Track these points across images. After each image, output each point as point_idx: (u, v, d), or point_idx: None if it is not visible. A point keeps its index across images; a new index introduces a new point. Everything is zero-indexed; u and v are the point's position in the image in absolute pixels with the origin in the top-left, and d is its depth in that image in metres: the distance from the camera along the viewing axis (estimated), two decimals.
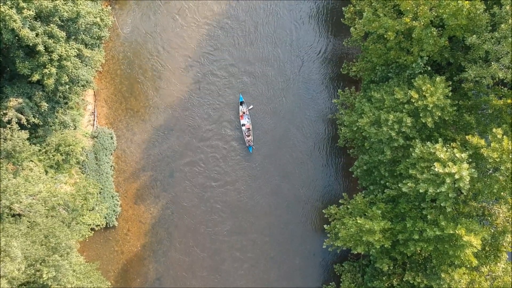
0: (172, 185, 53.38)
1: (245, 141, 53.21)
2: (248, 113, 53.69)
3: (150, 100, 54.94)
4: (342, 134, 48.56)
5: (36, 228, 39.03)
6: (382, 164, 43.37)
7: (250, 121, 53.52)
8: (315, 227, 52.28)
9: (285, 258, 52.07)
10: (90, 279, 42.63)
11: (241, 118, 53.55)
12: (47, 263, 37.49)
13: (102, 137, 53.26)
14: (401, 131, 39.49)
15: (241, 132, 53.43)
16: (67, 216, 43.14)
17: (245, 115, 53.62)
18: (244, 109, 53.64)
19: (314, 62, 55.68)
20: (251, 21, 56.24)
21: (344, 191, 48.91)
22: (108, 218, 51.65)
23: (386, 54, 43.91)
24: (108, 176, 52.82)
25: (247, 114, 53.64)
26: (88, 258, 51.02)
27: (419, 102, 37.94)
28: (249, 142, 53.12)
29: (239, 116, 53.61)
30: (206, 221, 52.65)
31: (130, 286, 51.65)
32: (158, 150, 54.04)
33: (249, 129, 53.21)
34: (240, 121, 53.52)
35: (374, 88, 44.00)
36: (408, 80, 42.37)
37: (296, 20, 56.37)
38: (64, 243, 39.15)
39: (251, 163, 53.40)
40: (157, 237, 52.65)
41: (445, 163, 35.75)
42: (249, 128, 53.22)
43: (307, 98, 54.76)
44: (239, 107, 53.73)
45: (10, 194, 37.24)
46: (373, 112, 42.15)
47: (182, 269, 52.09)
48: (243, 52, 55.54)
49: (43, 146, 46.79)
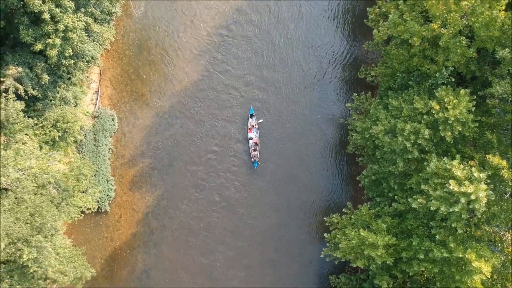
0: (170, 176, 51.24)
1: (251, 155, 50.67)
2: (257, 127, 51.20)
3: (156, 85, 52.87)
4: (352, 141, 46.30)
5: (22, 205, 36.97)
6: (392, 176, 41.07)
7: (258, 136, 51.02)
8: (315, 234, 49.95)
9: (282, 262, 49.72)
10: (74, 264, 40.48)
11: (249, 131, 51.10)
12: (30, 243, 35.41)
13: (103, 118, 51.22)
14: (417, 143, 37.16)
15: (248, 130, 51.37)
16: (56, 195, 41.06)
17: (254, 128, 51.10)
18: (254, 122, 51.18)
19: (331, 63, 53.49)
20: (269, 18, 54.10)
21: (349, 200, 46.71)
22: (101, 203, 49.59)
23: (408, 61, 41.60)
24: (105, 159, 50.76)
25: (256, 128, 51.15)
26: (75, 241, 48.96)
27: (440, 114, 35.62)
28: (255, 157, 50.52)
29: (248, 129, 51.13)
30: (202, 217, 50.46)
31: (116, 275, 49.55)
32: (160, 138, 51.93)
33: (256, 143, 50.71)
34: (248, 134, 51.09)
35: (392, 95, 41.69)
36: (429, 90, 40.05)
37: (317, 19, 54.14)
38: (49, 224, 37.08)
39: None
40: (149, 227, 50.53)
41: (461, 181, 33.44)
42: (256, 143, 50.71)
43: (319, 99, 52.52)
44: (248, 120, 51.28)
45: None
46: (388, 120, 39.84)
47: (172, 263, 49.91)
48: (256, 45, 53.43)
49: (40, 121, 44.77)
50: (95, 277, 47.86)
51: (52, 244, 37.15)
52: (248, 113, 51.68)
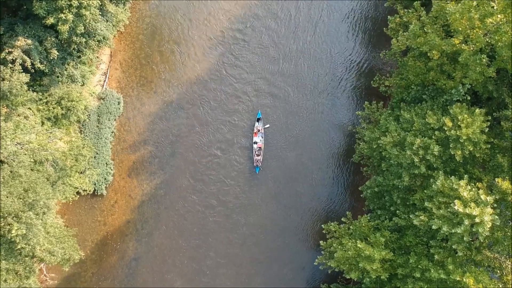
0: (170, 166, 50.41)
1: (254, 160, 49.57)
2: (263, 132, 50.09)
3: (166, 74, 52.04)
4: (359, 150, 45.29)
5: (16, 180, 36.24)
6: (396, 189, 40.04)
7: (264, 141, 49.90)
8: (310, 240, 48.97)
9: (273, 265, 48.79)
10: (63, 244, 39.72)
11: (254, 135, 49.99)
12: (20, 219, 34.70)
13: (109, 100, 50.45)
14: (425, 158, 36.12)
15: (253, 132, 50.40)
16: (53, 173, 40.33)
17: (260, 133, 49.99)
18: (260, 126, 50.07)
19: (345, 69, 52.48)
20: (288, 22, 53.22)
21: (349, 210, 45.68)
22: (98, 186, 48.84)
23: (424, 74, 40.55)
24: (107, 142, 49.99)
25: (262, 132, 50.04)
26: (68, 222, 48.26)
27: (452, 131, 34.57)
28: (257, 162, 49.40)
29: (253, 132, 50.06)
30: (198, 211, 49.62)
31: (105, 260, 48.77)
32: (164, 126, 51.12)
33: (261, 148, 49.58)
34: (253, 138, 49.99)
35: (404, 108, 40.66)
36: (443, 106, 38.98)
37: (337, 25, 53.12)
38: (42, 201, 36.33)
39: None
40: (144, 215, 49.73)
41: (467, 203, 32.40)
42: (260, 148, 49.57)
43: (330, 105, 51.53)
44: (255, 124, 50.21)
45: None
46: (398, 132, 38.84)
47: (162, 254, 49.09)
48: (270, 49, 52.58)
49: (45, 96, 44.08)
50: (84, 260, 47.27)
51: (42, 222, 36.43)
52: (255, 116, 50.69)
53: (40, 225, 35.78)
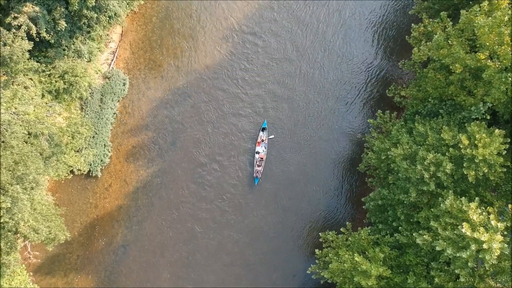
0: (170, 154, 48.79)
1: (254, 170, 47.55)
2: (267, 142, 48.19)
3: (177, 60, 50.48)
4: (366, 159, 43.50)
5: (8, 151, 34.64)
6: (401, 205, 38.22)
7: (266, 152, 47.98)
8: (305, 247, 47.06)
9: (263, 269, 46.87)
10: (49, 223, 38.06)
11: (257, 145, 48.06)
12: (6, 191, 33.11)
13: (115, 80, 48.89)
14: (436, 175, 34.27)
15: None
16: (47, 148, 38.78)
17: (263, 143, 48.09)
18: (264, 136, 48.19)
19: (360, 75, 50.63)
20: (304, 21, 51.68)
21: (349, 220, 43.88)
22: (93, 167, 47.24)
23: (444, 88, 38.72)
24: (108, 123, 48.41)
25: (266, 143, 48.14)
26: (58, 200, 46.69)
27: (468, 150, 32.72)
28: (257, 173, 47.39)
29: (257, 142, 48.16)
30: (192, 204, 47.86)
31: (92, 244, 47.13)
32: (168, 113, 49.51)
33: (262, 159, 47.62)
34: (256, 147, 48.10)
35: (419, 120, 38.85)
36: (460, 123, 37.14)
37: (358, 30, 51.40)
38: (32, 176, 34.76)
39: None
40: (137, 202, 48.08)
41: (476, 227, 30.59)
42: (262, 159, 47.61)
43: (340, 110, 49.71)
44: (259, 133, 48.32)
45: None
46: (410, 145, 37.01)
47: (151, 244, 47.37)
48: (287, 55, 51.04)
49: (48, 68, 42.57)
50: (70, 241, 45.70)
51: (30, 197, 34.85)
52: (261, 124, 48.92)
53: (27, 200, 34.19)
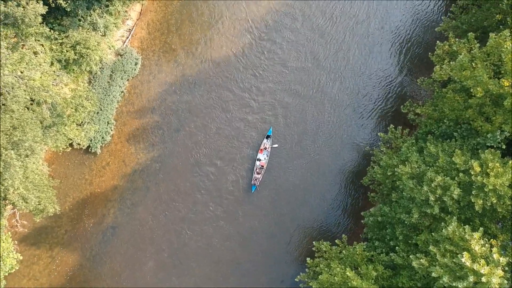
0: (173, 141, 47.78)
1: (252, 177, 46.34)
2: (270, 151, 46.91)
3: (192, 47, 49.56)
4: (371, 173, 42.18)
5: (7, 114, 33.76)
6: (401, 224, 36.92)
7: (267, 160, 46.74)
8: (297, 254, 45.86)
9: (252, 271, 45.72)
10: (40, 194, 37.11)
11: (259, 152, 46.82)
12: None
13: (127, 58, 47.98)
14: (441, 199, 32.97)
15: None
16: (48, 117, 37.87)
17: (266, 151, 46.84)
18: (268, 144, 46.94)
19: (376, 88, 49.35)
20: (328, 29, 50.57)
21: (345, 233, 42.62)
22: (93, 143, 46.34)
23: (461, 111, 37.34)
24: (114, 100, 47.49)
25: (268, 151, 46.88)
26: (54, 172, 45.82)
27: (478, 177, 31.39)
28: (255, 181, 46.11)
29: (259, 149, 46.96)
30: (189, 195, 46.80)
31: (82, 221, 46.18)
32: (176, 99, 48.52)
33: (263, 167, 46.38)
34: (258, 154, 46.83)
35: (431, 141, 37.56)
36: (473, 148, 35.82)
37: (378, 39, 50.12)
38: (28, 143, 33.85)
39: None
40: (132, 185, 47.12)
41: (476, 258, 29.26)
42: (262, 166, 46.36)
43: (351, 121, 48.42)
44: (263, 140, 47.14)
45: None
46: (419, 164, 35.74)
47: (141, 229, 46.36)
48: (305, 63, 49.87)
49: (61, 37, 41.65)
50: (60, 215, 44.93)
51: (23, 164, 33.91)
52: (266, 132, 47.67)
53: (19, 167, 33.26)
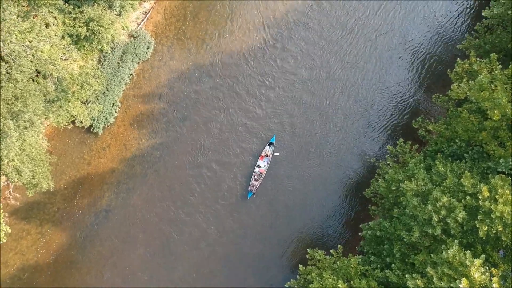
0: (177, 130, 46.87)
1: (250, 184, 45.22)
2: (270, 158, 45.77)
3: (208, 36, 48.60)
4: (375, 186, 41.12)
5: (10, 84, 32.91)
6: (400, 242, 35.82)
7: (267, 168, 45.62)
8: (289, 259, 44.80)
9: (241, 270, 44.74)
10: (35, 168, 36.26)
11: (260, 159, 45.70)
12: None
13: (140, 41, 47.10)
14: (445, 220, 31.89)
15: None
16: (52, 92, 36.99)
17: (266, 158, 45.70)
18: (269, 151, 45.80)
19: (389, 100, 48.14)
20: (342, 35, 49.52)
21: (341, 244, 41.53)
22: (96, 123, 45.50)
23: (475, 132, 36.22)
24: (122, 82, 46.64)
25: (269, 158, 45.74)
26: (53, 147, 45.08)
27: (486, 203, 30.26)
28: (252, 187, 45.00)
29: (260, 155, 45.85)
30: (187, 186, 45.87)
31: (75, 200, 45.32)
32: (185, 88, 47.59)
33: (262, 174, 45.27)
34: (258, 160, 45.73)
35: (440, 159, 36.44)
36: (483, 172, 34.70)
37: (403, 54, 48.94)
38: (28, 115, 33.03)
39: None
40: (131, 170, 46.25)
41: (475, 285, 28.18)
42: (261, 174, 45.27)
43: (363, 132, 47.23)
44: (265, 147, 46.04)
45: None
46: (425, 182, 34.63)
47: (135, 216, 45.45)
48: (322, 60, 48.68)
49: (76, 11, 40.73)
50: (54, 192, 44.16)
51: (20, 136, 33.08)
52: (269, 139, 46.52)
53: (17, 138, 32.43)
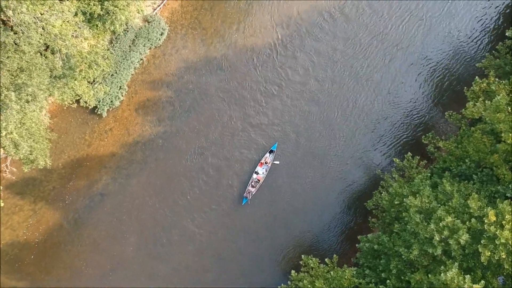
0: (181, 120, 46.02)
1: (246, 190, 44.14)
2: (270, 166, 44.64)
3: (223, 29, 47.72)
4: (377, 198, 40.08)
5: (17, 55, 32.15)
6: (397, 258, 34.76)
7: (265, 175, 44.47)
8: (282, 263, 43.84)
9: (232, 269, 43.79)
10: (33, 143, 35.35)
11: (259, 165, 44.55)
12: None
13: (154, 27, 46.27)
14: (446, 241, 30.84)
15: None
16: (59, 68, 36.21)
17: (266, 165, 44.56)
18: (269, 159, 44.66)
19: (400, 113, 46.89)
20: (359, 49, 48.39)
21: (337, 253, 40.46)
22: (101, 104, 44.72)
23: (486, 154, 35.18)
24: (131, 66, 45.84)
25: (268, 166, 44.58)
26: (55, 125, 44.32)
27: (492, 227, 29.22)
28: (248, 193, 43.91)
29: (259, 162, 44.69)
30: (186, 178, 45.02)
31: (72, 180, 44.55)
32: (194, 79, 46.75)
33: (259, 181, 44.17)
34: (257, 167, 44.57)
35: (448, 178, 35.39)
36: (491, 196, 33.64)
37: (414, 65, 47.69)
38: (31, 89, 32.23)
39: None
40: (131, 156, 45.44)
41: None
42: (259, 181, 44.18)
43: (370, 143, 46.13)
44: (265, 154, 44.87)
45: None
46: (430, 200, 33.57)
47: (130, 203, 44.61)
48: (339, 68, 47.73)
49: None
50: (51, 170, 43.47)
51: (21, 109, 32.27)
52: (270, 147, 45.39)
53: (17, 111, 31.65)
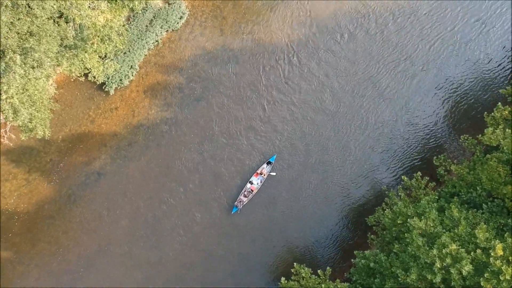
0: (190, 108, 44.78)
1: (237, 198, 42.58)
2: (265, 177, 43.08)
3: (243, 21, 46.44)
4: (379, 214, 38.66)
5: (28, 18, 30.98)
6: (393, 279, 33.29)
7: (260, 186, 42.93)
8: (273, 268, 42.48)
9: (222, 268, 42.44)
10: (34, 112, 34.18)
11: (254, 175, 42.98)
12: (4, 56, 29.45)
13: (174, 9, 45.08)
14: (448, 269, 29.36)
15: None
16: (71, 38, 35.06)
17: (261, 176, 43.00)
18: (266, 170, 43.09)
19: (414, 132, 45.20)
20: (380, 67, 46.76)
21: (331, 266, 39.08)
22: (109, 82, 43.58)
23: (499, 184, 33.65)
24: (146, 47, 44.67)
25: (264, 177, 43.01)
26: (60, 95, 43.24)
27: (497, 262, 27.71)
28: (239, 203, 42.45)
29: (255, 172, 43.12)
30: (186, 168, 43.78)
31: (70, 156, 43.39)
32: (208, 68, 45.50)
33: (252, 192, 42.66)
34: (252, 177, 43.05)
35: (456, 204, 33.89)
36: (499, 228, 32.14)
37: (434, 85, 46.07)
38: (38, 55, 31.01)
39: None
40: (133, 138, 44.28)
41: None
42: (252, 191, 42.67)
43: (379, 158, 44.60)
44: (262, 165, 43.29)
45: None
46: (435, 224, 32.08)
47: (126, 186, 43.48)
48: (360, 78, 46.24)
49: None
50: (50, 142, 42.56)
51: (25, 74, 31.07)
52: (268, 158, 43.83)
53: (21, 76, 30.48)
